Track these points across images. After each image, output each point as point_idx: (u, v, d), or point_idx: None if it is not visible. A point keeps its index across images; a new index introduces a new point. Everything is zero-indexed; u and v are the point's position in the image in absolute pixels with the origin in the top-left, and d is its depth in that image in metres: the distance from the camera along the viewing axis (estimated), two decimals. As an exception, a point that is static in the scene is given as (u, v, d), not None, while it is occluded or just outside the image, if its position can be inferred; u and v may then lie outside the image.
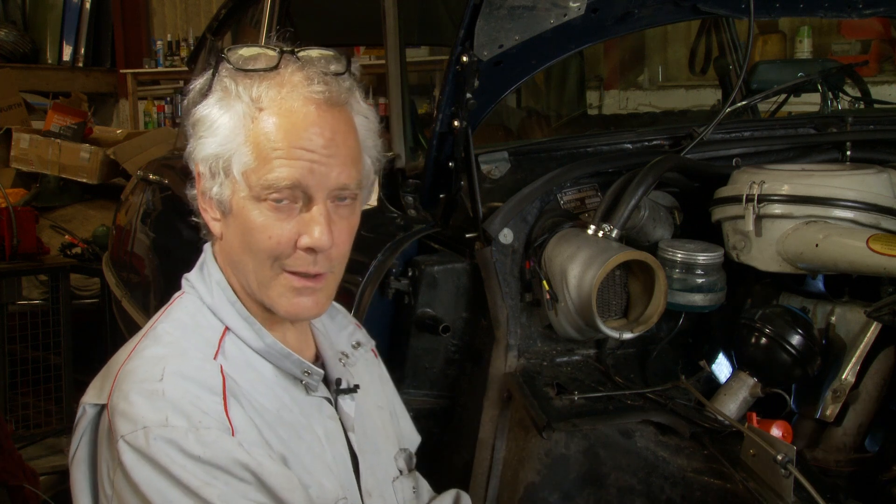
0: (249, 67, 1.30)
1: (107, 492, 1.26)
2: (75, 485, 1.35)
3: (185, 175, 1.40)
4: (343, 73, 1.32)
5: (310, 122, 1.27)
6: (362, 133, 1.36)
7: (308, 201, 1.28)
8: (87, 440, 1.33)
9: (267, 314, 1.36)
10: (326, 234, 1.27)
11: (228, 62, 1.31)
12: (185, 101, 1.36)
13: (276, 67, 1.29)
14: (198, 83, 1.35)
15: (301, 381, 1.37)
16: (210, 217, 1.35)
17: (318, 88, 1.28)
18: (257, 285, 1.32)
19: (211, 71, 1.33)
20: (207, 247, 1.42)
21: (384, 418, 1.55)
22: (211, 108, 1.30)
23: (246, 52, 1.32)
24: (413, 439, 1.65)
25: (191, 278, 1.40)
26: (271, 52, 1.31)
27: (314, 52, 1.33)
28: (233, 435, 1.22)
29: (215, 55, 1.34)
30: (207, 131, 1.30)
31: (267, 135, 1.26)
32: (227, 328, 1.34)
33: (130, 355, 1.30)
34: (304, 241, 1.28)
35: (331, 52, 1.34)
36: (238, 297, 1.35)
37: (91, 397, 1.32)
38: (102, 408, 1.28)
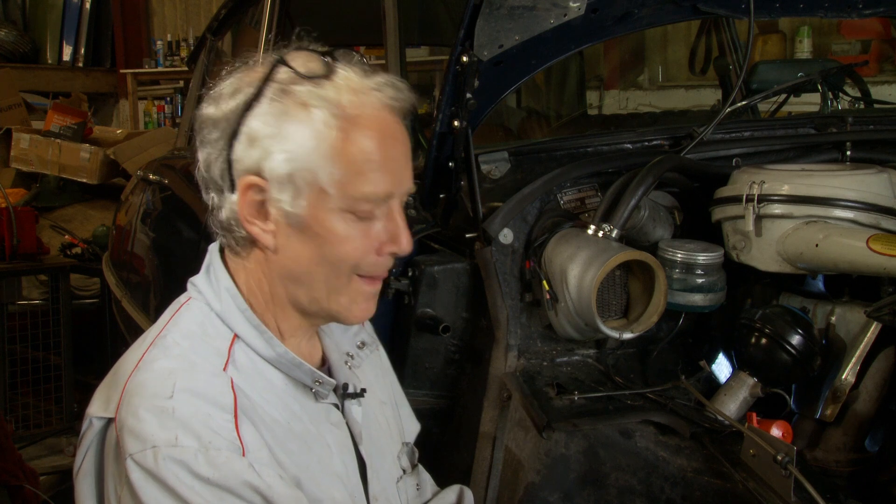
0: (309, 74, 1.25)
1: None
2: (80, 498, 1.33)
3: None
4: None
5: (393, 129, 1.27)
6: None
7: (388, 208, 1.29)
8: (93, 453, 1.30)
9: (288, 324, 1.35)
10: (409, 239, 1.31)
11: (289, 67, 1.25)
12: (217, 110, 1.27)
13: (332, 73, 1.26)
14: (239, 91, 1.27)
15: (311, 389, 1.35)
16: (260, 229, 1.28)
17: (392, 93, 1.28)
18: (327, 294, 1.30)
19: (261, 79, 1.26)
20: (213, 248, 1.38)
21: (387, 414, 1.55)
22: (277, 120, 1.24)
23: (299, 57, 1.27)
24: (413, 429, 1.65)
25: (197, 283, 1.36)
26: (320, 59, 1.27)
27: (342, 51, 1.30)
28: (243, 455, 1.20)
29: (268, 61, 1.27)
30: (280, 144, 1.23)
31: (360, 145, 1.24)
32: (236, 335, 1.31)
33: (138, 366, 1.27)
34: (390, 248, 1.30)
35: (352, 52, 1.32)
36: (249, 304, 1.33)
37: (97, 409, 1.29)
38: (109, 421, 1.26)
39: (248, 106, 1.24)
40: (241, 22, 3.64)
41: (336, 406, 1.40)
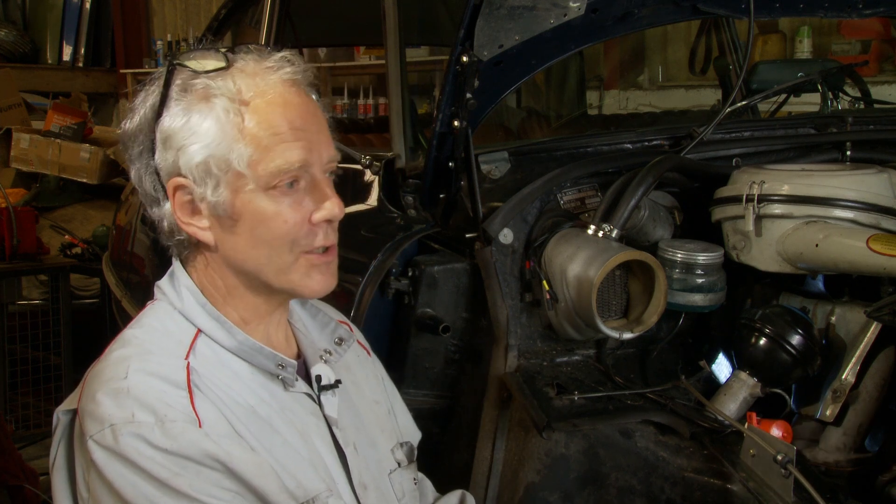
0: (204, 69, 1.31)
1: (83, 494, 1.28)
2: (56, 491, 1.36)
3: None
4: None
5: (296, 102, 1.31)
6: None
7: (311, 178, 1.31)
8: (63, 446, 1.35)
9: (252, 312, 1.37)
10: (337, 203, 1.32)
11: (185, 66, 1.32)
12: (132, 123, 1.34)
13: (228, 65, 1.31)
14: (147, 100, 1.33)
15: (278, 377, 1.37)
16: (197, 228, 1.33)
17: (289, 69, 1.32)
18: (276, 274, 1.33)
19: (162, 84, 1.32)
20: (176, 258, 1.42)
21: (381, 413, 1.55)
22: (183, 117, 1.29)
23: (194, 56, 1.33)
24: (412, 433, 1.65)
25: (161, 285, 1.40)
26: (216, 53, 1.33)
27: (251, 47, 1.36)
28: (200, 426, 1.23)
29: (167, 67, 1.33)
30: (190, 139, 1.29)
31: (262, 123, 1.28)
32: (199, 331, 1.34)
33: (98, 359, 1.32)
34: (321, 214, 1.31)
35: (259, 47, 1.38)
36: (209, 299, 1.36)
37: (64, 405, 1.35)
38: (75, 413, 1.30)
39: (158, 111, 1.30)
40: (241, 22, 3.64)
41: (310, 397, 1.41)
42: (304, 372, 1.44)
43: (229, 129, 1.28)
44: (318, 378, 1.43)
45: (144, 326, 1.36)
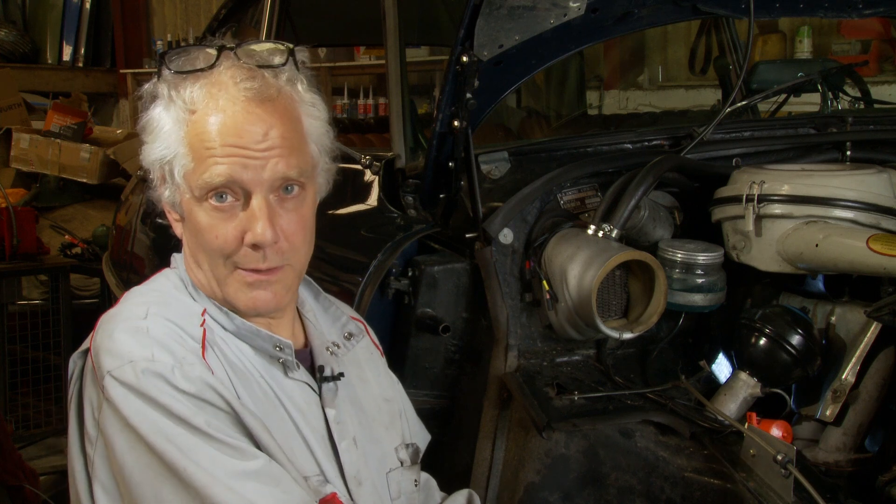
0: (187, 69, 1.32)
1: (90, 433, 1.29)
2: (70, 433, 1.38)
3: None
4: (282, 65, 1.34)
5: (240, 119, 1.28)
6: (307, 122, 1.36)
7: (248, 197, 1.30)
8: (76, 389, 1.37)
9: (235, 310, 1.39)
10: (269, 228, 1.29)
11: (167, 67, 1.32)
12: (140, 107, 1.39)
13: (212, 66, 1.31)
14: (147, 89, 1.36)
15: (278, 360, 1.38)
16: (172, 219, 1.40)
17: (247, 85, 1.29)
18: (216, 282, 1.35)
19: (157, 76, 1.35)
20: None
21: (391, 411, 1.55)
22: (154, 113, 1.33)
23: (185, 53, 1.34)
24: (420, 435, 1.64)
25: (176, 256, 1.44)
26: (210, 51, 1.32)
27: (252, 47, 1.34)
28: (213, 374, 1.26)
29: (158, 59, 1.35)
30: (151, 136, 1.33)
31: (200, 136, 1.29)
32: (205, 310, 1.37)
33: (111, 308, 1.34)
34: (248, 238, 1.30)
35: (271, 45, 1.36)
36: (201, 289, 1.39)
37: (78, 350, 1.37)
38: (86, 353, 1.32)
39: (149, 105, 1.35)
40: (242, 22, 3.63)
41: (310, 386, 1.42)
42: (311, 363, 1.45)
43: (178, 136, 1.31)
44: (321, 368, 1.44)
45: (159, 285, 1.40)
